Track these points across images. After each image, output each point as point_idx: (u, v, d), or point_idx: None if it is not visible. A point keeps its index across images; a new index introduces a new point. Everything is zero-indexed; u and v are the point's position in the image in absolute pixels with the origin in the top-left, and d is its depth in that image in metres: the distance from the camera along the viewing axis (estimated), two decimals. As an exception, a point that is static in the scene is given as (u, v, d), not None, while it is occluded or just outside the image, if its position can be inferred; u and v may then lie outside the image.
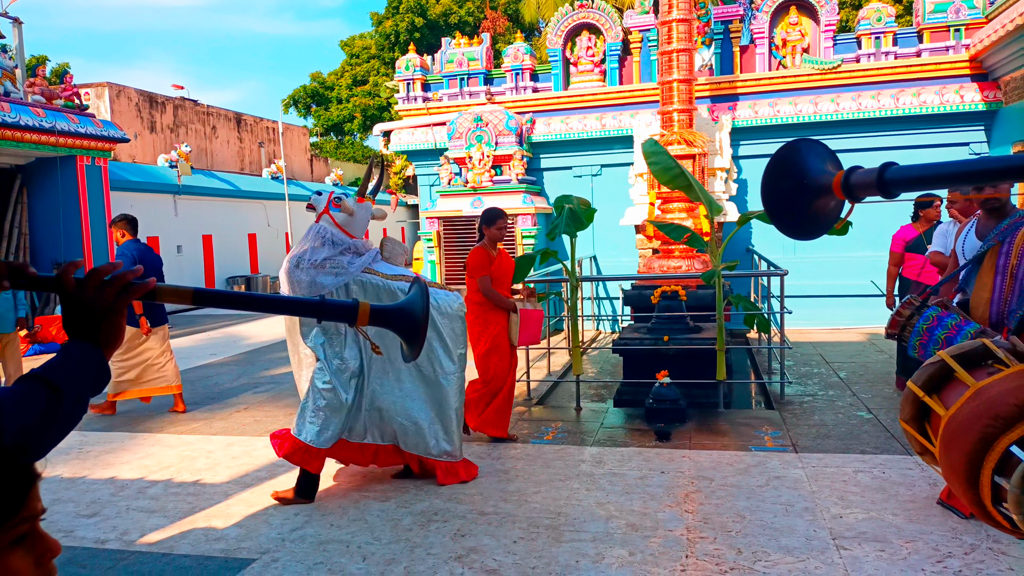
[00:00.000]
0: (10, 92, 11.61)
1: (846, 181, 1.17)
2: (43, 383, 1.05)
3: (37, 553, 0.84)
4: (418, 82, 12.05)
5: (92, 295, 1.13)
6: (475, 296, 5.55)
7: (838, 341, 9.19)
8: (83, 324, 1.13)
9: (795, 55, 10.44)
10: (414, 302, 1.34)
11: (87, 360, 1.11)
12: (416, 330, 1.32)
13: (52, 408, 1.04)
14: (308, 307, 1.30)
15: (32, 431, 1.01)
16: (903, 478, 4.46)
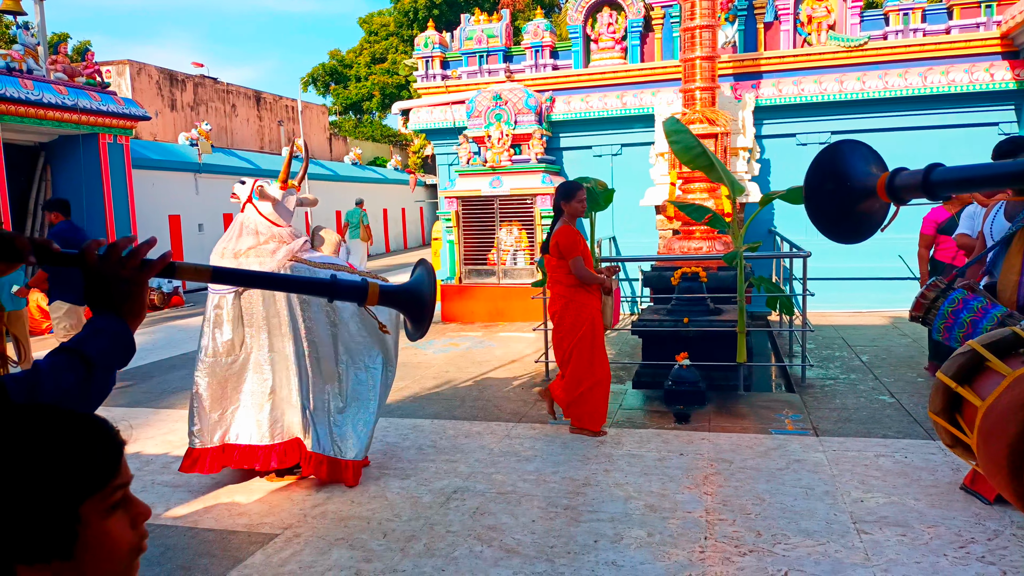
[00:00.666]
0: (33, 70, 11.68)
1: (891, 183, 1.14)
2: (76, 355, 1.08)
3: (131, 516, 0.89)
4: (437, 59, 11.97)
5: (113, 270, 1.15)
6: (566, 279, 5.13)
7: (860, 324, 9.09)
8: (106, 298, 1.15)
9: (820, 32, 10.24)
10: (421, 283, 1.36)
11: (114, 333, 1.14)
12: (423, 310, 1.34)
13: (86, 378, 1.07)
14: (320, 287, 1.32)
15: (70, 399, 1.04)
16: (925, 463, 4.42)
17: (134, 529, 0.90)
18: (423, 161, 29.02)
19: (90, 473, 0.84)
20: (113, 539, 0.86)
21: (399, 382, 6.96)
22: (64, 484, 0.82)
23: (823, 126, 10.33)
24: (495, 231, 10.55)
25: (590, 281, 5.11)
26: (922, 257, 6.36)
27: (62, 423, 0.85)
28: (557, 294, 5.20)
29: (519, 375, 7.13)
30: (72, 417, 0.87)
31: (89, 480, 0.84)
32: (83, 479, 0.83)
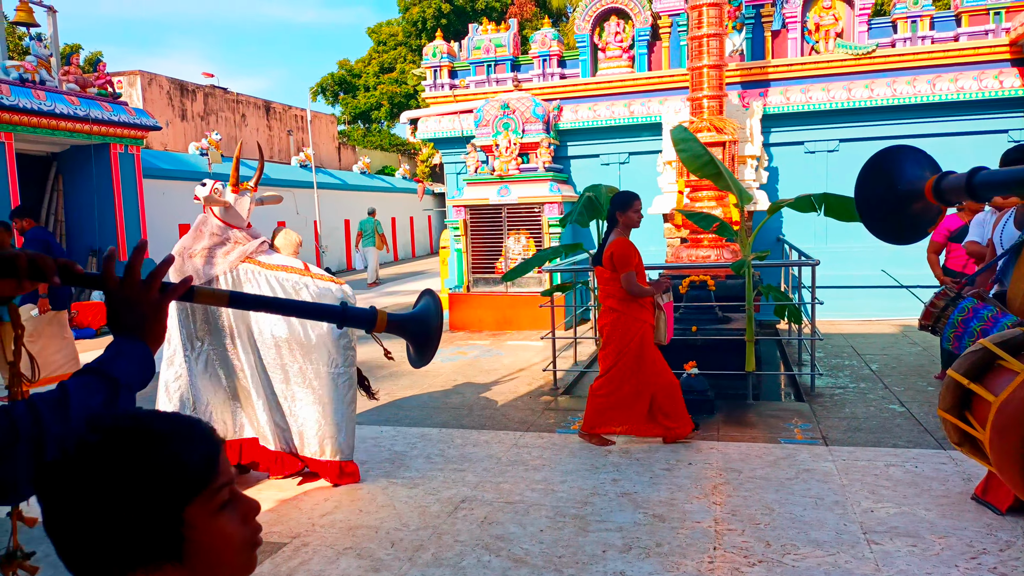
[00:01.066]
0: (45, 80, 11.80)
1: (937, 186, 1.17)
2: (102, 376, 1.10)
3: (241, 513, 0.90)
4: (445, 69, 12.03)
5: (135, 294, 1.17)
6: (619, 292, 5.00)
7: (870, 333, 9.05)
8: (129, 322, 1.17)
9: (828, 40, 10.24)
10: (427, 312, 1.37)
11: (135, 355, 1.16)
12: (428, 338, 1.36)
13: (112, 399, 1.09)
14: (331, 314, 1.34)
15: None
16: (936, 473, 4.39)
17: (246, 525, 0.91)
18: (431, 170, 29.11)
19: (190, 476, 0.85)
20: (225, 537, 0.87)
21: (407, 391, 6.97)
22: (165, 489, 0.83)
23: (831, 134, 10.31)
24: (503, 239, 10.57)
25: (642, 295, 4.99)
26: (932, 262, 6.33)
27: (158, 428, 0.86)
28: (608, 307, 5.06)
29: (527, 384, 7.13)
30: (167, 420, 0.88)
31: (190, 483, 0.85)
32: (184, 482, 0.84)
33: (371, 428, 5.81)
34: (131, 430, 0.85)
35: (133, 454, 0.83)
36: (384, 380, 7.47)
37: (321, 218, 20.68)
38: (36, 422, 1.00)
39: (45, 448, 1.00)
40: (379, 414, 6.24)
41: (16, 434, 0.98)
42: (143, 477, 0.82)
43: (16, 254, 1.14)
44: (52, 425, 1.01)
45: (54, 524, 0.83)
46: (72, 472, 0.82)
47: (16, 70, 11.38)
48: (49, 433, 1.00)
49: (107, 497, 0.80)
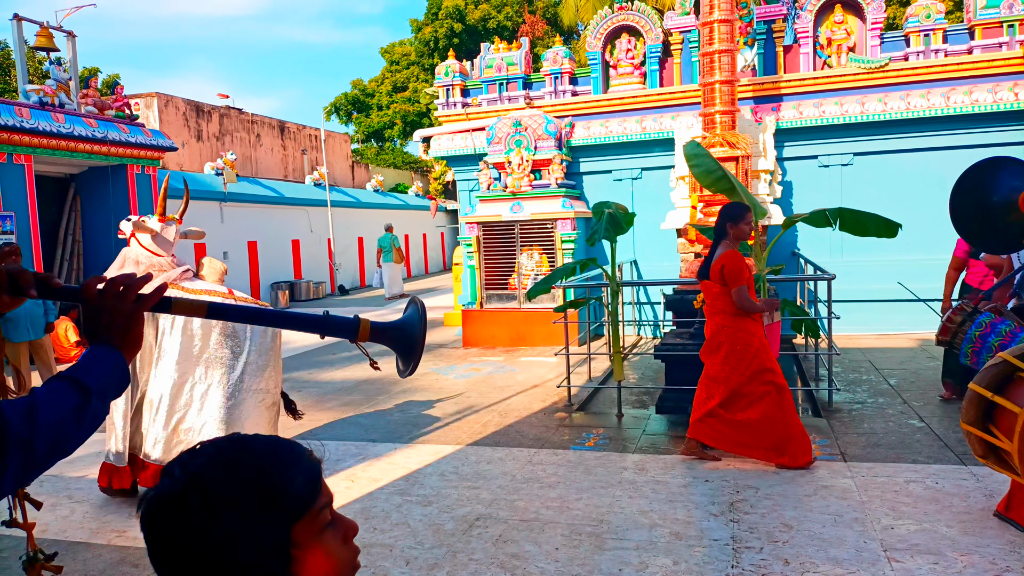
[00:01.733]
0: (65, 103, 11.99)
1: None
2: (73, 382, 1.10)
3: (342, 533, 0.92)
4: (457, 88, 12.12)
5: (111, 303, 1.19)
6: (729, 307, 4.79)
7: (888, 347, 8.95)
8: (103, 330, 1.19)
9: (840, 54, 10.23)
10: (411, 320, 1.37)
11: (110, 363, 1.16)
12: (412, 347, 1.36)
13: (82, 404, 1.09)
14: (313, 323, 1.34)
15: (64, 425, 1.06)
16: (957, 489, 4.32)
17: (346, 545, 0.92)
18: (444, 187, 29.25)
19: (297, 497, 0.86)
20: (329, 558, 0.89)
21: (421, 408, 6.96)
22: (275, 511, 0.84)
23: (845, 147, 10.27)
24: (516, 256, 10.58)
25: (752, 311, 4.79)
26: (950, 279, 6.27)
27: (263, 450, 0.88)
28: (720, 324, 4.82)
29: (541, 400, 7.10)
30: (270, 443, 0.89)
31: (298, 504, 0.86)
32: (292, 504, 0.85)
33: (385, 445, 5.81)
34: (238, 454, 0.87)
35: (244, 478, 0.84)
36: (398, 397, 7.48)
37: (335, 236, 20.79)
38: (2, 427, 0.99)
39: (7, 454, 0.99)
40: (392, 431, 6.23)
41: None
42: (254, 501, 0.83)
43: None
44: (18, 430, 1.00)
45: (163, 552, 0.84)
46: (184, 500, 0.83)
47: (36, 94, 11.57)
48: (13, 438, 0.99)
49: (221, 523, 0.82)
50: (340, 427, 6.47)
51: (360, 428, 6.37)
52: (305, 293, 18.75)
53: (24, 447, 1.00)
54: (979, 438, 3.46)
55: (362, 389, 7.98)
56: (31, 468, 1.03)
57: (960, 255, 6.28)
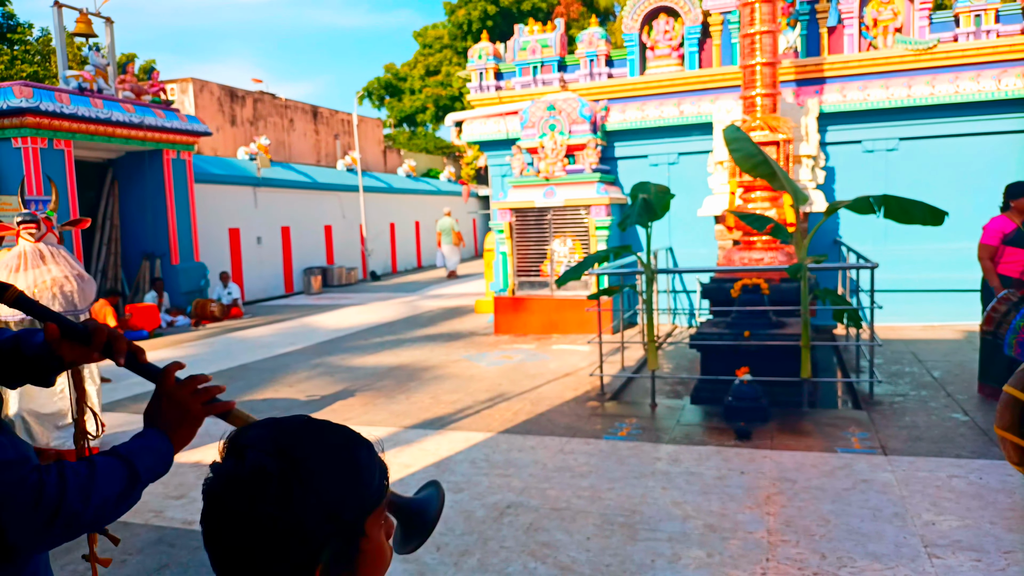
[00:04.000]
0: (103, 89, 12.15)
1: None
2: (128, 468, 1.17)
3: (387, 529, 0.96)
4: (491, 71, 12.01)
5: (184, 398, 1.25)
6: None
7: (932, 338, 8.71)
8: (165, 418, 1.24)
9: (887, 35, 9.91)
10: (430, 502, 1.20)
11: (161, 453, 1.23)
12: (422, 533, 1.17)
13: (127, 491, 1.17)
14: None
15: (107, 505, 1.14)
16: (1002, 485, 4.18)
17: (388, 541, 0.95)
18: (476, 172, 29.21)
19: (376, 487, 0.89)
20: (384, 550, 0.92)
21: (452, 395, 6.94)
22: (357, 498, 0.87)
23: (891, 132, 9.97)
24: (548, 242, 10.49)
25: None
26: (988, 269, 5.98)
27: (348, 442, 0.90)
28: None
29: (573, 389, 7.04)
30: (352, 435, 0.92)
31: (375, 494, 0.89)
32: (372, 494, 0.89)
33: (415, 431, 5.80)
34: (327, 436, 0.89)
35: (337, 460, 0.87)
36: (429, 383, 7.47)
37: (367, 221, 20.89)
38: (60, 496, 1.07)
39: (57, 521, 1.06)
40: (423, 417, 6.22)
41: (38, 500, 1.05)
42: (344, 484, 0.86)
43: (100, 328, 1.25)
44: (73, 503, 1.08)
45: (235, 529, 0.84)
46: (280, 483, 0.83)
47: (75, 79, 11.74)
48: (67, 510, 1.07)
49: (308, 502, 0.83)
50: (371, 412, 6.48)
51: (391, 414, 6.38)
52: (337, 279, 18.89)
53: (74, 519, 1.08)
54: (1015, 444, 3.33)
55: (393, 375, 7.99)
56: (68, 535, 1.10)
57: (992, 242, 5.93)
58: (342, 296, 16.68)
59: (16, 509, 1.03)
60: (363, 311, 13.85)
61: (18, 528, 1.04)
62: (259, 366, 8.87)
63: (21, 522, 1.04)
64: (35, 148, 10.93)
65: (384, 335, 10.80)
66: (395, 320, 12.43)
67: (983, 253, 5.99)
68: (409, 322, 12.12)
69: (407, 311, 13.48)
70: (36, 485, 1.05)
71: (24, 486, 1.04)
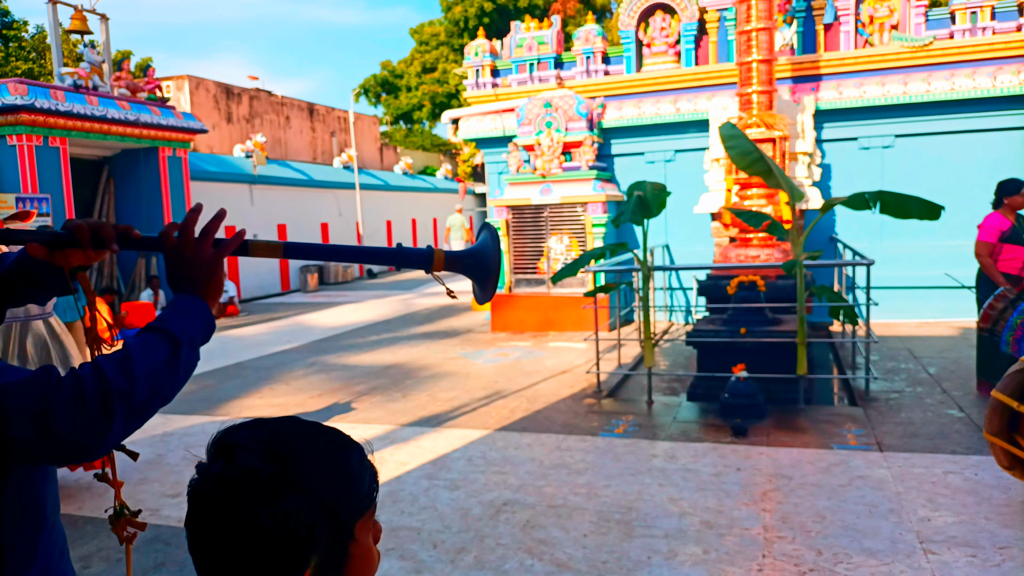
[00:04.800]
0: (98, 86, 12.11)
1: None
2: (163, 332, 1.12)
3: (375, 533, 0.93)
4: (487, 68, 11.99)
5: (191, 251, 1.19)
6: None
7: (928, 335, 8.73)
8: (185, 278, 1.19)
9: (883, 32, 9.92)
10: (484, 247, 1.37)
11: (195, 311, 1.18)
12: (488, 272, 1.36)
13: (174, 354, 1.12)
14: (387, 256, 1.34)
15: (159, 374, 1.09)
16: (997, 481, 4.19)
17: (375, 545, 0.93)
18: (473, 170, 29.18)
19: (365, 493, 0.88)
20: (372, 554, 0.91)
21: (449, 392, 6.94)
22: (347, 501, 0.86)
23: (887, 129, 9.99)
24: (545, 240, 10.49)
25: None
26: (988, 266, 5.98)
27: (340, 445, 0.89)
28: None
29: (570, 386, 7.04)
30: (343, 438, 0.91)
31: (365, 499, 0.88)
32: (362, 497, 0.88)
33: (412, 429, 5.80)
34: (317, 439, 0.88)
35: (328, 463, 0.85)
36: (426, 381, 7.47)
37: (363, 219, 20.86)
38: (102, 381, 1.02)
39: (112, 405, 1.02)
40: (420, 415, 6.22)
41: (83, 394, 1.01)
42: (335, 487, 0.85)
43: (79, 224, 1.18)
44: (117, 382, 1.03)
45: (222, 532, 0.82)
46: (271, 485, 0.81)
47: (71, 76, 11.70)
48: (115, 390, 1.03)
49: (297, 504, 0.81)
50: (368, 410, 6.48)
51: (388, 412, 6.38)
52: (334, 276, 18.87)
53: (125, 399, 1.04)
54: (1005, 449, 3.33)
55: (390, 373, 7.99)
56: (133, 417, 1.06)
57: (990, 239, 5.92)
58: (338, 294, 16.67)
59: (67, 410, 1.00)
60: (359, 309, 13.84)
61: (75, 427, 1.00)
62: (255, 364, 8.86)
63: (79, 420, 1.00)
64: (30, 145, 10.89)
65: (380, 333, 10.79)
66: (392, 318, 12.42)
67: (982, 250, 5.98)
68: (405, 320, 12.12)
69: (403, 308, 13.47)
70: (73, 382, 1.02)
71: (63, 387, 1.01)
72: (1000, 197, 5.97)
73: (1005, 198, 5.92)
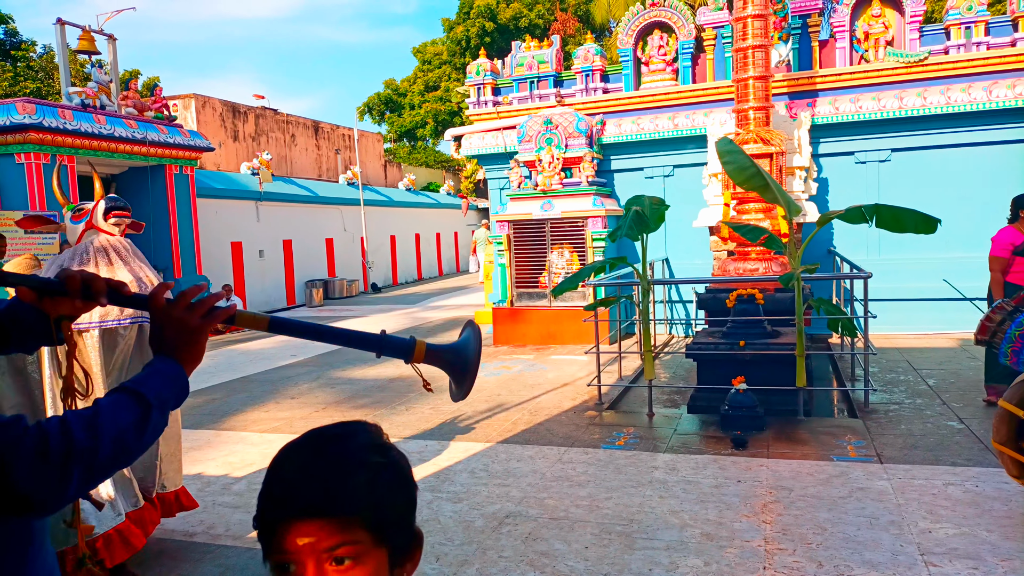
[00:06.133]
0: (106, 106, 12.26)
1: None
2: (135, 395, 1.12)
3: None
4: (488, 86, 12.13)
5: (180, 315, 1.19)
6: None
7: (926, 347, 8.77)
8: (169, 342, 1.19)
9: (878, 48, 10.03)
10: (467, 344, 1.35)
11: (172, 376, 1.18)
12: (466, 370, 1.34)
13: (143, 418, 1.11)
14: (369, 342, 1.31)
15: (125, 435, 1.09)
16: (998, 492, 4.22)
17: None
18: (475, 186, 29.31)
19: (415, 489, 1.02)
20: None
21: (451, 405, 6.99)
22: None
23: (882, 143, 10.08)
24: (546, 254, 10.57)
25: None
26: (997, 281, 6.01)
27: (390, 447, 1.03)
28: None
29: (571, 399, 7.09)
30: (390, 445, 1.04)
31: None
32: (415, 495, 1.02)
33: (415, 442, 5.85)
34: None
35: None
36: (429, 394, 7.51)
37: (368, 234, 20.98)
38: (67, 439, 1.02)
39: (72, 463, 1.02)
40: (423, 428, 6.27)
41: (46, 450, 1.00)
42: (415, 495, 1.04)
43: (71, 275, 1.18)
44: (82, 442, 1.03)
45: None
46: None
47: (78, 96, 11.85)
48: (78, 450, 1.02)
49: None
50: (372, 424, 6.52)
51: (391, 425, 6.43)
52: (338, 291, 18.94)
53: (87, 460, 1.03)
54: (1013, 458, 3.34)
55: (393, 387, 8.04)
56: (92, 478, 1.06)
57: (1003, 255, 5.97)
58: (343, 308, 16.74)
59: (26, 464, 0.98)
60: (365, 323, 13.90)
61: (32, 482, 0.99)
62: (261, 378, 8.93)
63: (36, 476, 0.99)
64: (38, 164, 11.01)
65: (384, 348, 10.83)
66: (396, 331, 12.43)
67: (995, 265, 6.02)
68: (410, 333, 12.16)
69: (408, 322, 13.53)
70: (37, 434, 1.00)
71: (26, 437, 1.00)
72: (1016, 211, 6.02)
73: (1021, 212, 5.98)
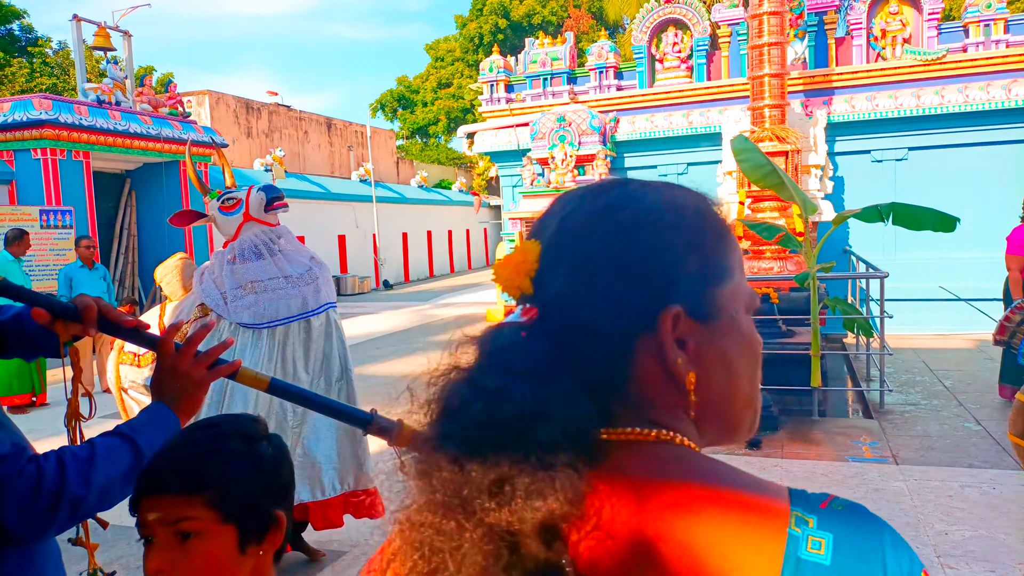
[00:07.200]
0: (121, 102, 12.35)
1: None
2: (131, 443, 1.15)
3: None
4: (501, 83, 12.12)
5: (186, 369, 1.19)
6: None
7: (943, 347, 8.69)
8: (170, 392, 1.20)
9: (895, 46, 9.94)
10: None
11: (167, 426, 1.18)
12: None
13: (133, 469, 1.13)
14: (359, 419, 1.20)
15: (113, 484, 1.12)
16: (1016, 495, 4.18)
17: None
18: (487, 183, 29.34)
19: None
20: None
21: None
22: None
23: (899, 142, 9.99)
24: (559, 252, 10.55)
25: None
26: (1016, 280, 5.95)
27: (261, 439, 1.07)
28: None
29: (584, 397, 7.06)
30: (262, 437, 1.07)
31: None
32: None
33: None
34: None
35: None
36: (441, 391, 7.51)
37: (380, 231, 21.03)
38: (60, 483, 1.05)
39: (59, 508, 1.05)
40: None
41: (38, 490, 1.04)
42: None
43: (89, 305, 1.18)
44: (73, 488, 1.06)
45: None
46: None
47: (94, 92, 11.94)
48: (68, 495, 1.05)
49: None
50: (384, 420, 6.54)
51: (404, 421, 6.43)
52: (350, 288, 19.00)
53: (75, 504, 1.07)
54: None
55: (406, 384, 8.04)
56: (74, 520, 1.09)
57: (1021, 252, 5.89)
58: (355, 305, 16.78)
59: (16, 500, 1.02)
60: (376, 320, 13.93)
61: (21, 519, 1.03)
62: (273, 375, 8.95)
63: (23, 512, 1.03)
64: (54, 159, 11.10)
65: (396, 343, 10.87)
66: (408, 328, 12.50)
67: (1012, 264, 5.96)
68: (422, 330, 12.19)
69: (419, 320, 13.55)
70: (34, 475, 1.04)
71: (23, 477, 1.03)
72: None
73: None
